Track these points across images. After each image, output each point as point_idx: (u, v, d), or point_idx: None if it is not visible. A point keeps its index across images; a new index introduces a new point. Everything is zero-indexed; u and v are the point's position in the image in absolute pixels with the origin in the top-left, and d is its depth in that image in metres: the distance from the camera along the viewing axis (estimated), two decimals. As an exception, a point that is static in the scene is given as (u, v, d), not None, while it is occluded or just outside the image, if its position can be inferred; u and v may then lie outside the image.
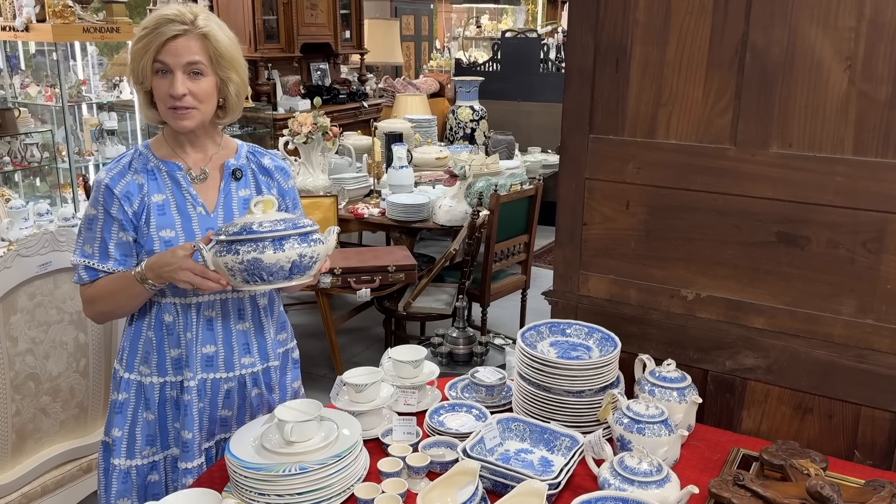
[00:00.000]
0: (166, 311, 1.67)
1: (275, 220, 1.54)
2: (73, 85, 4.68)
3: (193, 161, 1.69)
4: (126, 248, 1.63)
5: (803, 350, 1.71)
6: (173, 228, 1.63)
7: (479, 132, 5.90)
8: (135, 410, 1.70)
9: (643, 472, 1.45)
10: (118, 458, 1.70)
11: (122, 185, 1.62)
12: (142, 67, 1.58)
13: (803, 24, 1.58)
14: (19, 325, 1.91)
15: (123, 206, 1.61)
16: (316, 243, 1.56)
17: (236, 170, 1.72)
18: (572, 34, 1.83)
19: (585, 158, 1.87)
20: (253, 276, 1.51)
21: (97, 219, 1.62)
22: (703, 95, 1.71)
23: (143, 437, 1.71)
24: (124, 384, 1.70)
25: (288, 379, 1.86)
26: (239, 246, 1.49)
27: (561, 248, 1.96)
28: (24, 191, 4.91)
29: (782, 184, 1.66)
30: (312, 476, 1.44)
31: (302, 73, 7.02)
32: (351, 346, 4.29)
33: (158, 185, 1.64)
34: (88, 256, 1.63)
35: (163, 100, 1.59)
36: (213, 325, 1.69)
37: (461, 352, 2.26)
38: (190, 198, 1.66)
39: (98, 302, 1.65)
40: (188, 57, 1.57)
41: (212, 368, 1.70)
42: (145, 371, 1.69)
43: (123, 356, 1.71)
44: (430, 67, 9.52)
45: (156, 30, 1.55)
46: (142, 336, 1.69)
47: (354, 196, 4.20)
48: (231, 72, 1.63)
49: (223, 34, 1.62)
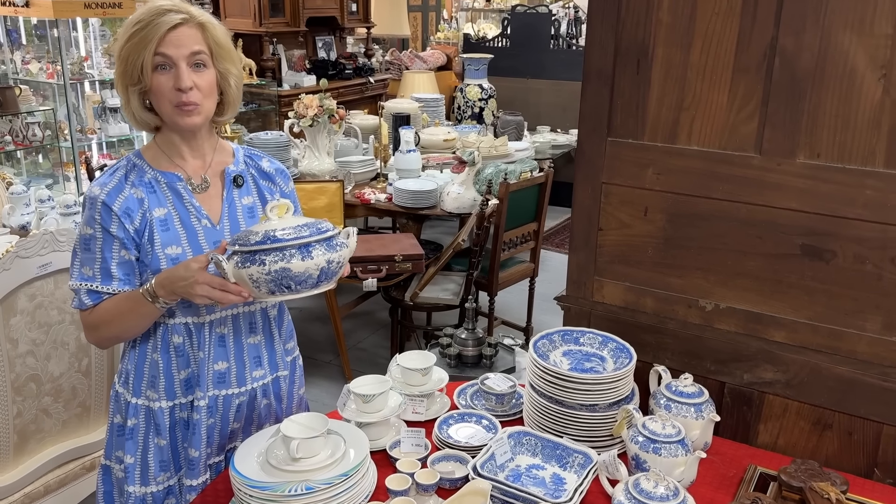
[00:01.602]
0: (175, 332, 1.58)
1: (297, 227, 1.45)
2: (74, 61, 4.60)
3: (193, 169, 1.60)
4: (129, 266, 1.54)
5: (825, 366, 1.66)
6: (179, 244, 1.55)
7: (488, 111, 5.81)
8: (146, 436, 1.62)
9: (659, 496, 1.41)
10: (133, 485, 1.63)
11: (121, 201, 1.51)
12: (140, 64, 1.47)
13: (836, 30, 1.50)
14: (19, 326, 1.87)
15: (124, 223, 1.51)
16: (341, 247, 1.49)
17: (237, 176, 1.64)
18: (591, 32, 1.75)
19: (603, 162, 1.81)
20: (280, 287, 1.43)
21: (95, 238, 1.52)
22: (728, 101, 1.64)
23: (156, 463, 1.63)
24: (132, 409, 1.62)
25: (295, 387, 1.82)
26: (264, 256, 1.41)
27: (575, 253, 1.90)
28: (27, 168, 4.86)
29: (809, 195, 1.60)
30: (319, 496, 1.40)
31: (307, 48, 6.90)
32: (356, 332, 4.26)
33: (159, 199, 1.55)
34: (89, 279, 1.53)
35: (166, 96, 1.49)
36: (226, 342, 1.62)
37: (470, 353, 2.22)
38: (194, 210, 1.58)
39: (103, 327, 1.55)
40: (191, 47, 1.48)
41: (224, 385, 1.63)
42: (153, 396, 1.61)
43: (129, 380, 1.62)
44: (438, 39, 9.36)
45: (152, 21, 1.45)
46: (147, 359, 1.60)
47: (361, 180, 4.13)
48: (229, 63, 1.56)
49: (219, 24, 1.55)
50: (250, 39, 6.13)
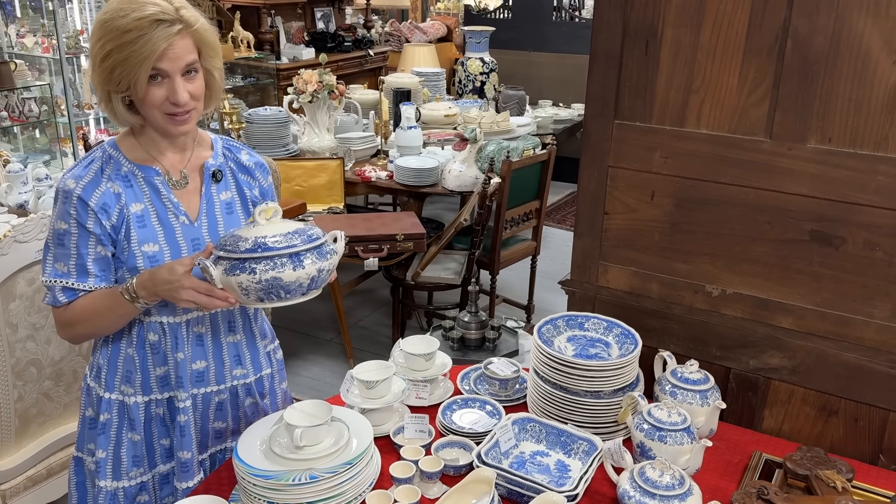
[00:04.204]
0: (150, 329, 1.54)
1: (288, 234, 1.43)
2: (70, 35, 4.53)
3: (171, 164, 1.54)
4: (105, 262, 1.49)
5: (832, 352, 1.65)
6: (156, 242, 1.50)
7: (490, 85, 5.73)
8: (118, 431, 1.58)
9: (665, 485, 1.41)
10: (104, 479, 1.59)
11: (98, 196, 1.45)
12: (132, 79, 1.39)
13: (851, 12, 1.46)
14: (19, 311, 1.85)
15: (101, 219, 1.45)
16: (331, 255, 1.47)
17: (216, 171, 1.59)
18: (599, 13, 1.71)
19: (609, 145, 1.77)
20: (269, 295, 1.41)
21: (69, 233, 1.45)
22: (739, 84, 1.60)
23: (129, 458, 1.59)
24: (105, 404, 1.57)
25: (276, 381, 1.78)
26: (254, 264, 1.39)
27: (580, 237, 1.88)
28: (24, 144, 4.82)
29: (819, 180, 1.57)
30: (323, 485, 1.40)
31: (306, 20, 6.81)
32: (357, 309, 4.25)
33: (136, 194, 1.49)
34: (63, 276, 1.47)
35: (158, 106, 1.43)
36: (204, 341, 1.59)
37: (473, 337, 2.21)
38: (171, 206, 1.53)
39: (78, 325, 1.50)
40: (185, 59, 1.43)
41: (202, 383, 1.60)
42: (128, 391, 1.57)
43: (101, 374, 1.57)
44: (438, 10, 9.24)
45: (144, 37, 1.36)
46: (121, 354, 1.56)
47: (361, 157, 4.10)
48: (215, 59, 1.51)
49: (205, 21, 1.48)
50: (248, 11, 6.04)
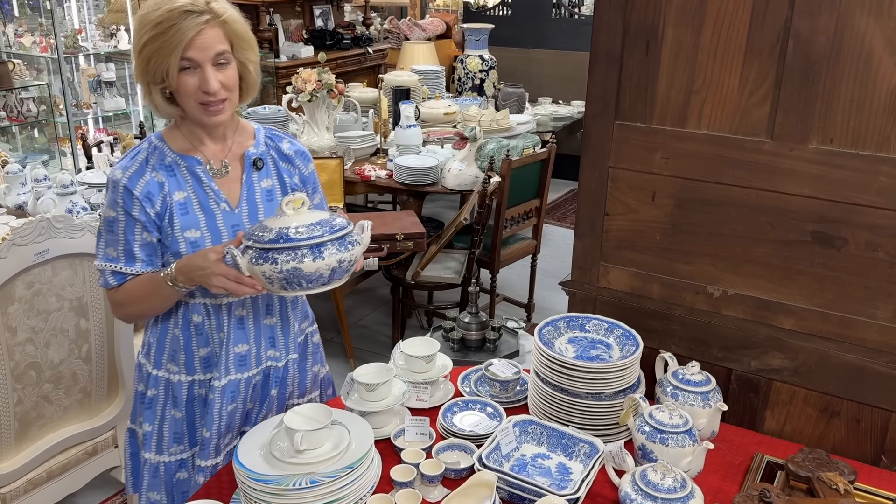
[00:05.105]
0: (195, 311, 1.62)
1: (310, 226, 1.46)
2: (68, 34, 4.52)
3: (213, 153, 1.61)
4: (151, 248, 1.57)
5: (834, 353, 1.64)
6: (198, 228, 1.57)
7: (489, 83, 5.72)
8: (163, 407, 1.67)
9: (667, 487, 1.40)
10: (148, 452, 1.69)
11: (142, 186, 1.54)
12: (164, 68, 1.48)
13: (853, 12, 1.45)
14: (18, 315, 1.84)
15: (145, 207, 1.53)
16: (353, 245, 1.50)
17: (257, 159, 1.65)
18: (599, 13, 1.70)
19: (610, 146, 1.77)
20: (291, 285, 1.46)
21: (118, 221, 1.55)
22: (740, 84, 1.59)
23: (170, 434, 1.68)
24: (153, 380, 1.67)
25: (308, 363, 1.83)
26: (276, 255, 1.43)
27: (581, 238, 1.87)
28: (23, 144, 4.81)
29: (821, 181, 1.56)
30: (324, 489, 1.39)
31: (304, 17, 6.79)
32: (357, 309, 4.24)
33: (179, 183, 1.57)
34: (113, 260, 1.57)
35: (192, 96, 1.50)
36: (245, 324, 1.65)
37: (473, 337, 2.20)
38: (213, 194, 1.59)
39: (128, 305, 1.61)
40: (215, 48, 1.49)
41: (245, 367, 1.66)
42: (173, 369, 1.66)
43: (151, 352, 1.67)
44: (437, 7, 9.22)
45: (174, 27, 1.44)
46: (168, 334, 1.65)
47: (361, 156, 4.08)
48: (249, 52, 1.57)
49: (235, 12, 1.54)
50: (247, 9, 6.01)
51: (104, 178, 3.32)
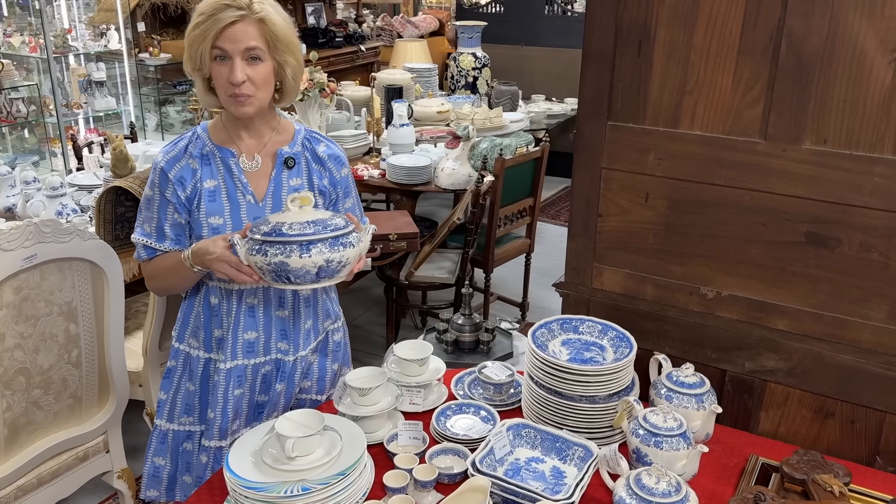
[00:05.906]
0: (212, 293, 1.71)
1: (304, 223, 1.51)
2: (58, 34, 4.48)
3: (247, 147, 1.69)
4: (180, 228, 1.67)
5: (828, 354, 1.63)
6: (222, 216, 1.65)
7: (482, 81, 5.70)
8: (179, 378, 1.77)
9: (661, 492, 1.39)
10: (160, 418, 1.80)
11: (177, 170, 1.64)
12: (200, 54, 1.57)
13: (846, 12, 1.44)
14: (6, 320, 1.82)
15: (177, 190, 1.64)
16: (345, 247, 1.53)
17: (289, 158, 1.70)
18: (591, 13, 1.68)
19: (603, 147, 1.76)
20: (279, 278, 1.52)
21: (154, 199, 1.66)
22: (733, 84, 1.58)
23: (182, 404, 1.78)
24: (174, 352, 1.78)
25: (328, 360, 1.87)
26: (267, 247, 1.50)
27: (574, 239, 1.86)
28: (12, 145, 4.77)
29: (814, 182, 1.55)
30: (315, 497, 1.38)
31: (296, 15, 6.76)
32: (351, 309, 4.22)
33: (211, 171, 1.66)
34: (147, 235, 1.68)
35: (222, 86, 1.58)
36: (255, 312, 1.71)
37: (467, 339, 2.19)
38: (241, 186, 1.66)
39: (156, 279, 1.72)
40: (246, 42, 1.55)
41: (252, 354, 1.72)
42: (194, 344, 1.76)
43: (178, 326, 1.78)
44: (429, 4, 9.19)
45: (213, 16, 1.54)
46: (193, 311, 1.75)
47: (353, 155, 4.06)
48: (288, 55, 1.62)
49: (279, 17, 1.60)
50: (238, 8, 5.98)
51: (94, 179, 3.29)
